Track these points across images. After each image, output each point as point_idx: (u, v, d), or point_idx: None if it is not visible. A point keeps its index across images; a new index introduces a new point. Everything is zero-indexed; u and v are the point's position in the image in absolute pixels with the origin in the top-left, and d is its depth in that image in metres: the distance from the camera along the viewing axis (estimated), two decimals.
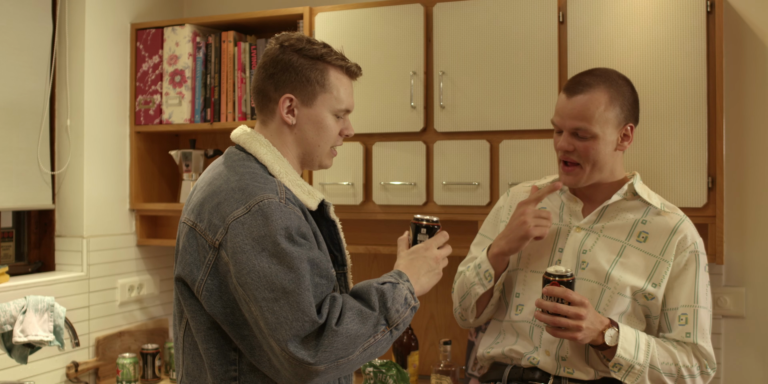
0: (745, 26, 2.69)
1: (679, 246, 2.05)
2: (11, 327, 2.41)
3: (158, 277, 3.43)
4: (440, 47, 2.76)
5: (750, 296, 2.71)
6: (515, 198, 2.30)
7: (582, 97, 2.03)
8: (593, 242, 2.09)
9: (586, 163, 2.05)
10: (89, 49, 3.11)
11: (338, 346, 1.56)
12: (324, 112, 1.80)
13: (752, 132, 2.70)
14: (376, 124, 2.84)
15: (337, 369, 1.58)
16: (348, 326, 1.57)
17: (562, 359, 2.04)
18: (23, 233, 3.13)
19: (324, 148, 1.84)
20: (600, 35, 2.55)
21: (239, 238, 1.60)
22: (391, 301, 1.64)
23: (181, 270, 1.70)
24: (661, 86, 2.48)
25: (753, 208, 2.70)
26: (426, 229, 1.86)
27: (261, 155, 1.77)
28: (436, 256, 1.81)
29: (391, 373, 2.66)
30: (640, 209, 2.11)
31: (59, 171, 3.11)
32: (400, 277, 1.72)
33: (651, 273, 2.04)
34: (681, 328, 2.01)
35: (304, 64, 1.77)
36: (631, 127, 2.08)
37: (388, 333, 1.64)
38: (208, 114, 3.18)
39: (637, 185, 2.12)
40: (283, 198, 1.66)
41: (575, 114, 2.03)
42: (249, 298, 1.58)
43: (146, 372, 3.12)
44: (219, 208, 1.66)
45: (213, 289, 1.65)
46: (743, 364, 2.72)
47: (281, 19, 3.10)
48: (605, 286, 2.04)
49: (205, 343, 1.69)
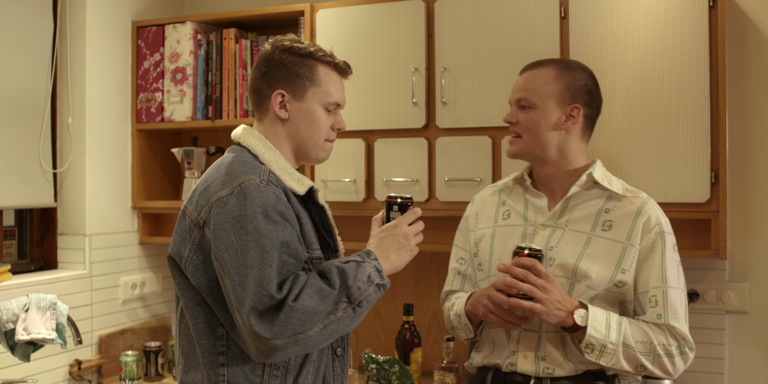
0: (748, 21, 2.68)
1: (644, 228, 2.03)
2: (14, 325, 2.41)
3: (161, 274, 3.43)
4: (442, 43, 2.75)
5: (754, 292, 2.71)
6: (480, 205, 2.31)
7: (531, 72, 2.14)
8: (559, 238, 2.08)
9: (525, 133, 2.10)
10: (90, 46, 3.11)
11: (294, 322, 1.61)
12: (314, 106, 1.89)
13: (755, 127, 2.69)
14: (378, 121, 2.84)
15: (297, 344, 1.64)
16: (305, 303, 1.63)
17: (541, 359, 2.03)
18: (25, 231, 3.13)
19: (317, 140, 1.91)
20: (602, 31, 2.55)
21: (220, 216, 1.70)
22: (352, 279, 1.69)
23: (171, 249, 1.81)
24: (664, 82, 2.48)
25: (756, 204, 2.70)
26: (398, 206, 1.89)
27: (253, 147, 1.86)
28: (406, 233, 1.84)
29: (394, 369, 2.66)
30: (602, 197, 2.10)
31: (61, 169, 3.11)
32: (368, 256, 1.77)
33: (619, 260, 2.02)
34: (652, 310, 1.99)
35: (294, 60, 1.87)
36: (577, 107, 2.08)
37: (351, 310, 1.68)
38: (210, 111, 3.17)
39: (596, 173, 2.10)
40: (265, 180, 1.76)
41: (520, 86, 2.13)
42: (224, 272, 1.67)
43: (149, 369, 3.12)
44: (206, 191, 1.77)
45: (198, 265, 1.75)
46: (747, 360, 2.71)
47: (282, 16, 3.09)
48: (573, 280, 2.02)
49: (193, 318, 1.78)
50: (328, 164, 2.90)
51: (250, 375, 1.76)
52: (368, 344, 3.20)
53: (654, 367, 1.96)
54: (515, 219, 2.17)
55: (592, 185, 2.11)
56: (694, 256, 2.50)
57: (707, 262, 2.72)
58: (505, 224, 2.17)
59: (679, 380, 2.74)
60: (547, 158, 2.11)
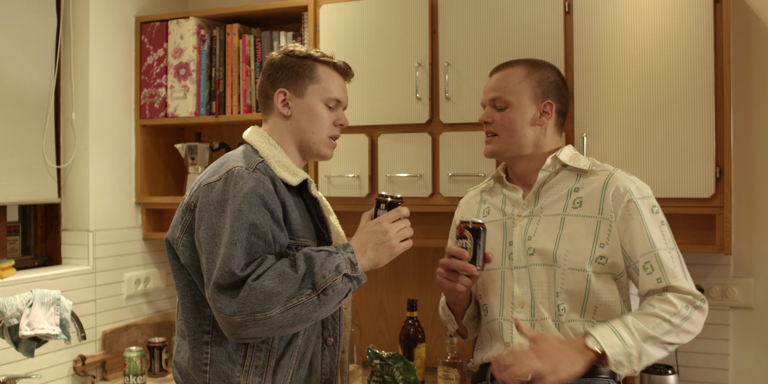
0: (753, 15, 2.67)
1: (614, 201, 2.02)
2: (18, 320, 2.41)
3: (164, 270, 3.43)
4: (445, 38, 2.74)
5: (758, 287, 2.70)
6: (465, 208, 2.34)
7: (501, 72, 2.17)
8: (536, 226, 2.09)
9: (502, 132, 2.13)
10: (94, 42, 3.10)
11: (252, 301, 1.68)
12: (315, 101, 1.99)
13: (760, 122, 2.68)
14: (382, 116, 2.83)
15: (257, 324, 1.69)
16: (264, 283, 1.69)
17: None
18: (29, 227, 3.13)
19: (319, 135, 2.00)
20: (606, 25, 2.54)
21: (205, 200, 1.82)
22: (318, 267, 1.74)
23: (168, 233, 1.93)
24: (668, 76, 2.47)
25: (761, 199, 2.69)
26: (385, 204, 1.93)
27: (255, 142, 1.97)
28: (386, 229, 1.87)
29: (398, 365, 2.65)
30: (571, 178, 2.12)
31: (65, 165, 3.11)
32: (344, 248, 1.83)
33: (595, 235, 2.02)
34: (649, 277, 1.97)
35: (294, 61, 1.99)
36: (550, 103, 2.12)
37: (315, 297, 1.73)
38: (213, 107, 3.17)
39: (562, 154, 2.11)
40: (252, 168, 1.84)
41: (493, 86, 2.16)
42: (201, 251, 1.79)
43: (153, 365, 3.12)
44: (200, 180, 1.89)
45: (187, 245, 1.86)
46: (751, 355, 2.71)
47: (286, 11, 3.09)
48: (555, 266, 2.03)
49: (182, 298, 1.90)
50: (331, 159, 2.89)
51: (233, 354, 1.84)
52: (372, 340, 3.20)
53: (681, 337, 1.93)
54: (494, 215, 2.21)
55: (560, 168, 2.13)
56: (699, 251, 2.49)
57: (712, 258, 2.72)
58: (486, 221, 2.18)
59: (684, 375, 2.74)
60: (523, 154, 2.14)
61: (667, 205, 2.45)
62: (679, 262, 2.00)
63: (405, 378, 2.64)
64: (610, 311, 2.01)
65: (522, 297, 2.07)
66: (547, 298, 2.04)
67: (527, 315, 2.05)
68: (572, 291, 2.01)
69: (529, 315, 2.05)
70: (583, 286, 2.00)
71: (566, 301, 2.02)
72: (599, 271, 2.01)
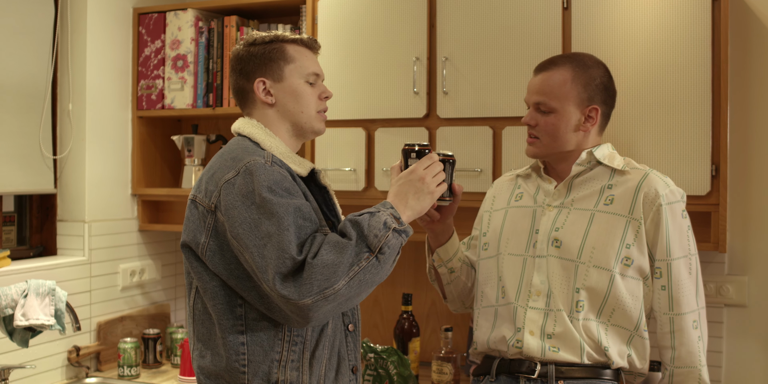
0: (751, 14, 2.67)
1: (645, 204, 2.03)
2: (12, 311, 2.41)
3: (160, 262, 3.43)
4: (443, 33, 2.74)
5: (753, 285, 2.71)
6: (498, 188, 2.34)
7: (546, 73, 2.12)
8: (565, 218, 2.10)
9: (545, 136, 2.11)
10: (91, 33, 3.10)
11: (318, 278, 1.64)
12: (296, 81, 1.93)
13: (756, 120, 2.68)
14: (379, 110, 2.83)
15: (327, 300, 1.66)
16: (323, 257, 1.66)
17: (548, 337, 2.04)
18: (25, 217, 3.13)
19: (308, 113, 1.95)
20: (604, 22, 2.54)
21: (230, 197, 1.75)
22: (367, 229, 1.71)
23: (186, 237, 1.85)
24: (666, 73, 2.47)
25: (756, 197, 2.69)
26: (416, 153, 1.92)
27: (253, 135, 1.91)
28: (422, 176, 1.86)
29: (392, 359, 2.66)
30: (605, 175, 2.12)
31: (61, 155, 3.10)
32: (383, 206, 1.80)
33: (623, 234, 2.03)
34: (657, 281, 2.04)
35: (262, 48, 1.94)
36: (595, 108, 2.10)
37: (374, 259, 1.70)
38: (210, 99, 3.17)
39: (598, 151, 2.11)
40: (269, 161, 1.80)
41: (537, 89, 2.12)
42: (242, 247, 1.71)
43: (147, 357, 3.13)
44: (213, 177, 1.82)
45: (215, 249, 1.80)
46: (745, 353, 2.71)
47: (284, 4, 3.08)
48: (578, 262, 2.04)
49: (212, 300, 1.82)
50: (328, 153, 2.90)
51: (270, 352, 1.80)
52: (367, 334, 3.21)
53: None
54: (526, 200, 2.21)
55: (596, 164, 2.12)
56: None
57: (707, 255, 2.72)
58: (517, 205, 2.21)
59: None
60: (565, 156, 2.14)
61: None
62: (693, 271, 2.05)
63: (399, 372, 2.64)
64: (627, 316, 2.02)
65: (540, 286, 2.07)
66: (566, 291, 2.04)
67: (542, 304, 2.06)
68: (594, 289, 2.02)
69: (544, 304, 2.06)
70: (605, 286, 2.01)
71: (586, 298, 2.02)
72: (625, 272, 2.02)
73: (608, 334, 2.02)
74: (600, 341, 2.00)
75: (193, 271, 1.85)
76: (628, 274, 2.03)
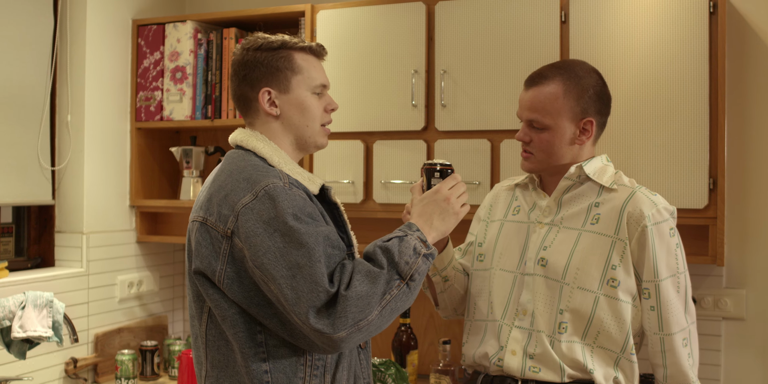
0: (748, 27, 2.68)
1: (630, 224, 1.98)
2: (10, 322, 2.41)
3: (158, 273, 3.43)
4: (442, 46, 2.75)
5: (751, 298, 2.71)
6: (495, 196, 2.30)
7: (537, 88, 2.04)
8: (554, 237, 2.05)
9: (539, 153, 2.06)
10: (90, 44, 3.11)
11: (352, 310, 1.60)
12: (303, 93, 1.86)
13: (754, 133, 2.69)
14: (377, 123, 2.83)
15: (360, 331, 1.63)
16: (357, 289, 1.61)
17: (530, 357, 2.01)
18: (23, 229, 3.13)
19: (313, 127, 1.89)
20: (602, 35, 2.55)
21: (250, 223, 1.67)
22: (398, 255, 1.68)
23: (200, 263, 1.75)
24: (663, 87, 2.48)
25: (754, 210, 2.70)
26: (439, 173, 1.90)
27: (259, 149, 1.83)
28: (447, 196, 1.84)
29: (390, 372, 2.66)
30: (593, 191, 2.06)
31: (59, 167, 3.10)
32: (409, 228, 1.77)
33: (608, 255, 1.98)
34: (645, 301, 1.98)
35: (269, 56, 1.84)
36: (590, 121, 2.04)
37: (405, 286, 1.67)
38: (209, 111, 3.17)
39: (588, 166, 2.06)
40: (287, 182, 1.73)
41: (529, 105, 2.05)
42: (267, 278, 1.64)
43: (145, 368, 3.12)
44: (227, 200, 1.72)
45: (233, 277, 1.71)
46: (743, 366, 2.71)
47: (283, 16, 3.09)
48: (563, 283, 1.99)
49: (232, 328, 1.74)
50: (326, 165, 2.90)
51: (293, 378, 1.75)
52: None
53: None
54: (521, 216, 2.16)
55: (585, 179, 2.08)
56: (692, 262, 2.49)
57: (704, 269, 2.73)
58: (513, 220, 2.17)
59: None
60: (559, 170, 2.09)
61: None
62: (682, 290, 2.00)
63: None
64: (612, 339, 1.97)
65: (527, 305, 2.03)
66: (548, 312, 2.00)
67: (527, 324, 2.03)
68: (578, 311, 1.98)
69: (528, 324, 2.03)
70: (589, 308, 1.97)
71: (570, 320, 1.98)
72: (611, 294, 1.97)
73: (594, 356, 1.98)
74: (585, 364, 1.96)
75: (208, 299, 1.76)
76: (615, 296, 1.97)
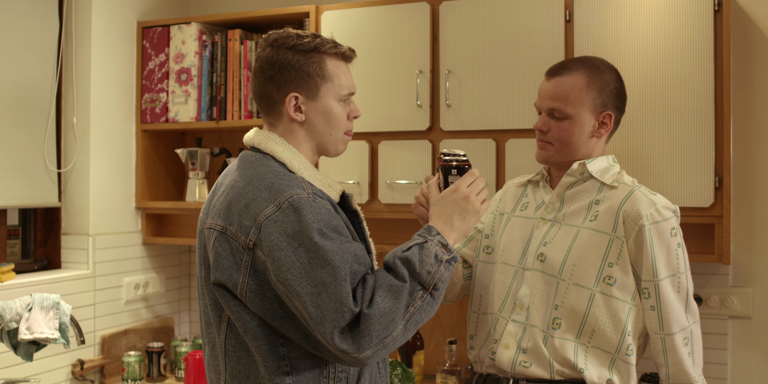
0: (753, 25, 2.68)
1: (627, 223, 1.97)
2: (17, 324, 2.41)
3: (164, 275, 3.43)
4: (447, 46, 2.75)
5: (757, 297, 2.70)
6: (506, 190, 2.30)
7: (560, 78, 2.06)
8: (555, 233, 2.06)
9: (557, 142, 2.06)
10: (96, 46, 3.11)
11: (377, 328, 1.57)
12: (330, 102, 1.80)
13: (760, 131, 2.68)
14: (382, 123, 2.84)
15: (385, 348, 1.60)
16: (380, 306, 1.58)
17: (522, 351, 2.01)
18: (29, 231, 3.14)
19: (336, 136, 1.84)
20: (607, 34, 2.55)
21: (274, 236, 1.62)
22: (419, 266, 1.64)
23: (220, 275, 1.69)
24: (668, 85, 2.47)
25: (760, 208, 2.69)
26: (457, 169, 1.85)
27: (278, 153, 1.78)
28: (466, 195, 1.80)
29: (396, 372, 2.66)
30: (595, 188, 2.07)
31: (65, 169, 3.11)
32: (429, 233, 1.72)
33: (606, 252, 1.98)
34: (646, 301, 1.97)
35: (300, 59, 1.77)
36: (609, 114, 2.06)
37: (428, 296, 1.64)
38: (214, 112, 3.18)
39: (591, 165, 2.06)
40: (311, 193, 1.68)
41: (551, 94, 2.06)
42: (291, 293, 1.60)
43: (151, 370, 3.13)
44: (248, 209, 1.67)
45: (255, 290, 1.67)
46: (750, 365, 2.71)
47: (287, 18, 3.09)
48: (559, 278, 2.00)
49: (255, 341, 1.70)
50: (331, 166, 2.90)
51: None
52: None
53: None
54: (528, 212, 2.16)
55: (588, 176, 2.08)
56: (698, 260, 2.49)
57: (711, 267, 2.72)
58: (520, 215, 2.17)
59: None
60: (570, 165, 2.09)
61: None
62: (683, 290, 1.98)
63: None
64: (606, 338, 1.96)
65: (524, 299, 2.04)
66: (544, 307, 2.01)
67: (523, 318, 2.04)
68: (573, 308, 1.98)
69: (524, 318, 2.04)
70: (584, 305, 1.97)
71: (564, 316, 1.98)
72: (607, 292, 1.97)
73: (588, 356, 1.97)
74: (576, 363, 1.95)
75: (229, 311, 1.71)
76: (610, 294, 1.97)
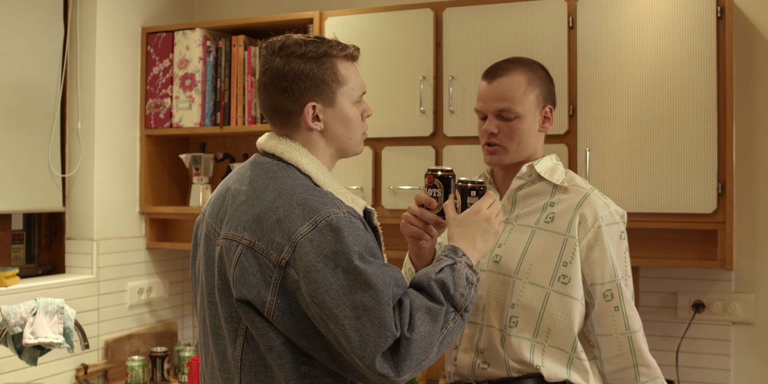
0: (755, 31, 2.69)
1: (581, 225, 1.98)
2: (21, 329, 2.42)
3: (167, 280, 3.44)
4: (450, 52, 2.76)
5: (760, 303, 2.70)
6: None
7: (503, 79, 2.06)
8: (508, 234, 2.05)
9: (510, 143, 2.05)
10: (100, 52, 3.13)
11: (417, 352, 1.56)
12: (347, 106, 1.76)
13: (762, 138, 2.69)
14: (386, 129, 2.84)
15: (420, 369, 1.60)
16: (420, 329, 1.57)
17: (480, 353, 2.01)
18: (34, 236, 3.15)
19: (355, 138, 1.81)
20: (609, 41, 2.55)
21: (310, 256, 1.58)
22: (453, 288, 1.64)
23: (247, 292, 1.63)
24: (671, 91, 2.48)
25: (763, 215, 2.69)
26: (476, 191, 1.86)
27: (303, 165, 1.73)
28: (488, 216, 1.81)
29: None
30: (548, 190, 2.06)
31: (70, 174, 3.12)
32: (455, 253, 1.72)
33: (561, 252, 1.98)
34: (609, 303, 1.96)
35: (314, 67, 1.72)
36: (550, 108, 2.08)
37: (459, 318, 1.65)
38: (218, 118, 3.19)
39: (539, 165, 2.06)
40: (346, 212, 1.64)
41: (498, 95, 2.05)
42: (327, 316, 1.56)
43: (155, 375, 3.13)
44: (281, 226, 1.62)
45: (284, 309, 1.62)
46: (753, 371, 2.71)
47: (292, 23, 3.10)
48: (515, 278, 1.99)
49: (279, 359, 1.66)
50: (335, 171, 2.89)
51: None
52: None
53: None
54: None
55: (537, 178, 2.08)
56: (700, 266, 2.50)
57: (713, 273, 2.72)
58: None
59: None
60: (516, 167, 2.09)
61: (668, 220, 2.46)
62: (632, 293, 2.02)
63: None
64: (562, 336, 1.96)
65: (478, 301, 2.02)
66: (500, 307, 2.00)
67: (478, 319, 2.03)
68: (528, 306, 1.97)
69: (480, 319, 2.03)
70: (540, 303, 1.97)
71: (521, 315, 1.98)
72: (562, 291, 1.97)
73: (545, 355, 1.97)
74: (531, 361, 1.95)
75: (253, 328, 1.66)
76: (565, 293, 1.97)
